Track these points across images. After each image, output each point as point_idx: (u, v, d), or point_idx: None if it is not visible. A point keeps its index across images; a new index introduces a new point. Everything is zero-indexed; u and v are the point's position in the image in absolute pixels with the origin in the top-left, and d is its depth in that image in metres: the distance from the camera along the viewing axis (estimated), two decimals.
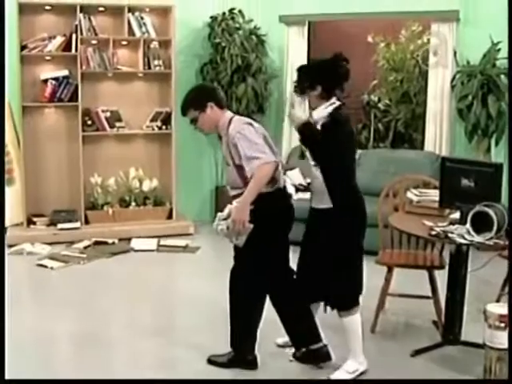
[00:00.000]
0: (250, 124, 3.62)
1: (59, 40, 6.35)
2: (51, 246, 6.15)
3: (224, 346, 3.87)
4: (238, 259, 3.75)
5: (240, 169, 3.55)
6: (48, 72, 6.40)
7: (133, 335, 4.33)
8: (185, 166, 6.96)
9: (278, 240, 3.69)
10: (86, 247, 6.22)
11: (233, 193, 3.68)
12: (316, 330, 3.79)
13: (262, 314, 3.80)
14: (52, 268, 5.64)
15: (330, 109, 3.55)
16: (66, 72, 6.41)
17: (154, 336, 4.33)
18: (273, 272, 3.72)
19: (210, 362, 3.88)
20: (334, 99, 3.58)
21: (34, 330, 4.36)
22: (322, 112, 3.55)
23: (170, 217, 6.88)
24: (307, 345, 3.80)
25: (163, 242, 6.44)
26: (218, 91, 3.81)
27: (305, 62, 7.07)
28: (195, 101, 3.67)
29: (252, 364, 3.82)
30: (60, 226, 6.42)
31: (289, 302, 3.80)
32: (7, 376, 3.04)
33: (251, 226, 3.46)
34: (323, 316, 3.85)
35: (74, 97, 6.40)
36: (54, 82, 6.35)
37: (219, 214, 3.59)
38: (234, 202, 3.55)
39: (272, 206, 3.58)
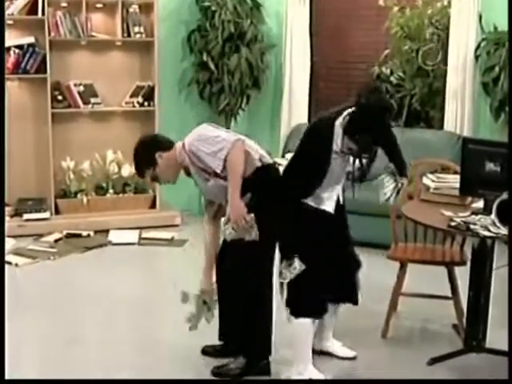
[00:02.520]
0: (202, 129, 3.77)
1: (23, 1, 6.29)
2: (16, 240, 6.12)
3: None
4: (234, 253, 3.74)
5: (217, 175, 3.67)
6: (10, 39, 6.32)
7: (108, 343, 4.29)
8: None
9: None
10: (56, 241, 6.22)
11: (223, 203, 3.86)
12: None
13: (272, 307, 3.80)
14: (17, 265, 5.63)
15: None
16: (31, 39, 6.38)
17: (133, 345, 4.30)
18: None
19: (217, 374, 3.84)
20: None
21: None
22: None
23: (153, 206, 6.89)
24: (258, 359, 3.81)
25: (145, 234, 6.46)
26: (158, 136, 4.13)
27: (306, 29, 7.03)
28: (143, 160, 3.82)
29: (265, 371, 3.80)
30: (26, 216, 6.41)
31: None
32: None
33: (251, 215, 3.62)
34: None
35: (41, 68, 6.37)
36: (17, 50, 6.34)
37: (222, 219, 3.83)
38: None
39: (266, 179, 3.71)
